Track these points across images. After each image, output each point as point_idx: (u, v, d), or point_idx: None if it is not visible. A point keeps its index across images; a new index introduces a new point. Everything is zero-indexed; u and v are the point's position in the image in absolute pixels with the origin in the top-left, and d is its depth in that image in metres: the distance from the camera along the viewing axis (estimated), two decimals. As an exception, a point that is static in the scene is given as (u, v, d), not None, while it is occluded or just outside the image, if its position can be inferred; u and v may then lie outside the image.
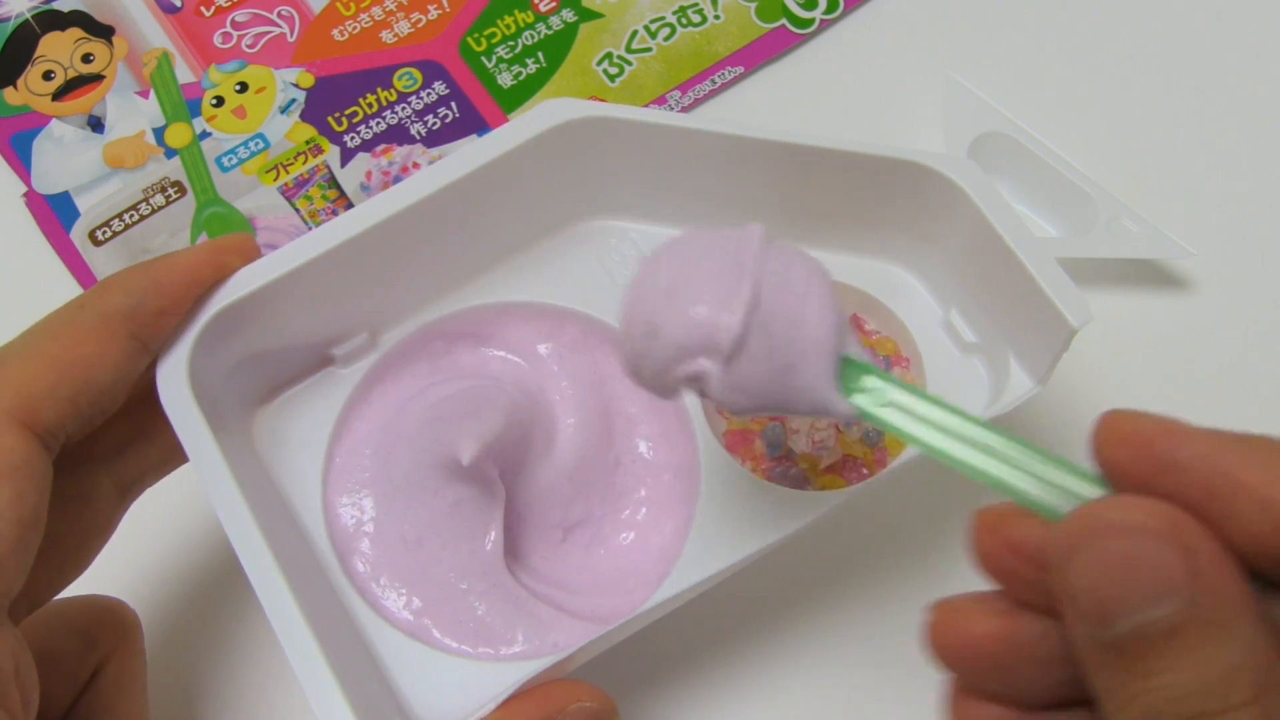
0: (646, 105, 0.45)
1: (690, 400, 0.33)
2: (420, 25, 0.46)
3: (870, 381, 0.23)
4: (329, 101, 0.44)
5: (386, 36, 0.46)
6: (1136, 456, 0.18)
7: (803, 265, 0.24)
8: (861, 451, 0.34)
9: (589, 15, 0.46)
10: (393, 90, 0.45)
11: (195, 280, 0.29)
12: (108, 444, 0.30)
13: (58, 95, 0.44)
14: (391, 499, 0.32)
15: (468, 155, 0.31)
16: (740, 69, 0.46)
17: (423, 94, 0.45)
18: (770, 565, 0.30)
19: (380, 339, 0.34)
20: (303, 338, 0.32)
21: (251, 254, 0.30)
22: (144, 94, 0.44)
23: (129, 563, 0.36)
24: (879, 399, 0.23)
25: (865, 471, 0.34)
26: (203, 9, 0.46)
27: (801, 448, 0.34)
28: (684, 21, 0.46)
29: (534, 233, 0.35)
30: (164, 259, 0.29)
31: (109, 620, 0.30)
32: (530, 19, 0.46)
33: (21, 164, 0.43)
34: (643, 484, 0.34)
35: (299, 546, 0.30)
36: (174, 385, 0.29)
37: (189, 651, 0.36)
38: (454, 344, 0.35)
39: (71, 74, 0.45)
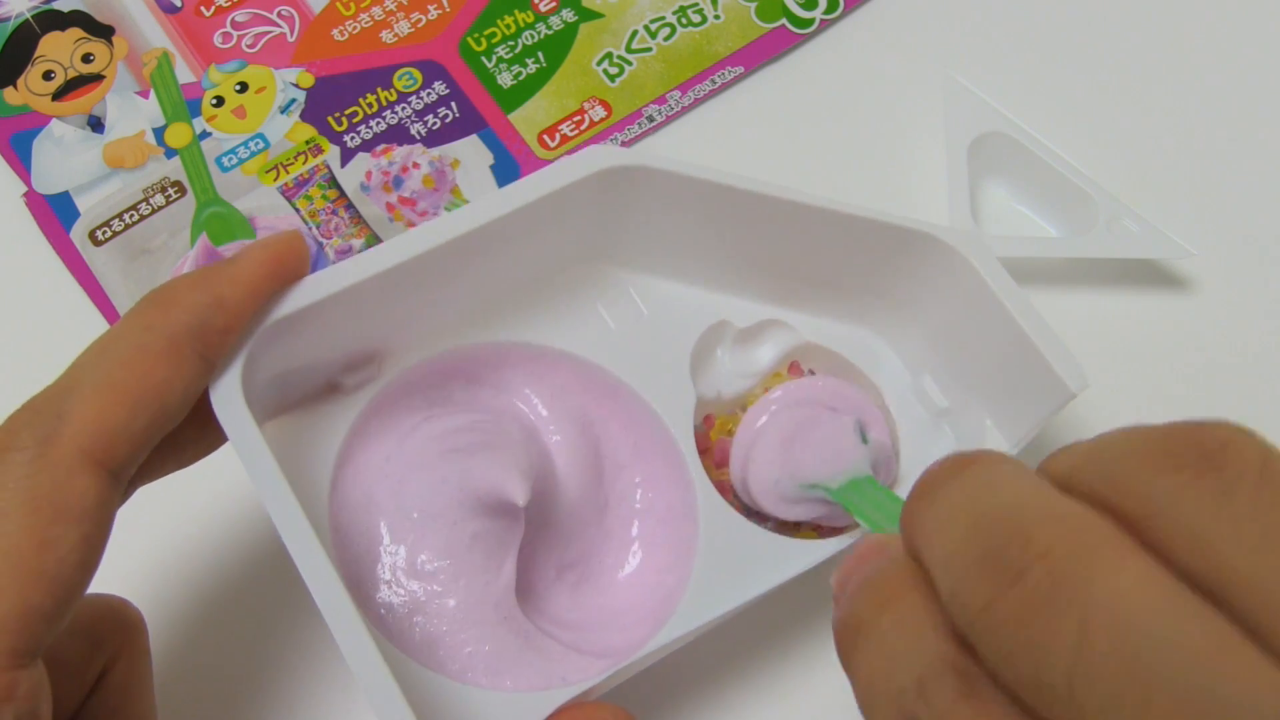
0: (646, 105, 0.45)
1: (683, 443, 0.33)
2: (420, 25, 0.46)
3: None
4: (329, 101, 0.44)
5: (386, 36, 0.46)
6: None
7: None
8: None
9: (589, 15, 0.46)
10: (393, 90, 0.45)
11: (258, 294, 0.28)
12: None
13: (58, 95, 0.44)
14: (402, 527, 0.31)
15: (516, 192, 0.31)
16: (740, 69, 0.46)
17: (423, 94, 0.45)
18: (786, 586, 0.31)
19: (384, 370, 0.33)
20: (321, 361, 0.32)
21: (306, 259, 0.29)
22: (144, 94, 0.44)
23: (132, 562, 0.36)
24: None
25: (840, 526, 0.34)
26: (203, 9, 0.46)
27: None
28: (684, 21, 0.46)
29: (538, 274, 0.35)
30: (223, 270, 0.28)
31: (114, 621, 0.29)
32: (530, 19, 0.46)
33: (21, 164, 0.43)
34: (631, 526, 0.34)
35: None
36: (229, 398, 0.28)
37: (194, 651, 0.36)
38: (449, 380, 0.34)
39: (71, 74, 0.45)
